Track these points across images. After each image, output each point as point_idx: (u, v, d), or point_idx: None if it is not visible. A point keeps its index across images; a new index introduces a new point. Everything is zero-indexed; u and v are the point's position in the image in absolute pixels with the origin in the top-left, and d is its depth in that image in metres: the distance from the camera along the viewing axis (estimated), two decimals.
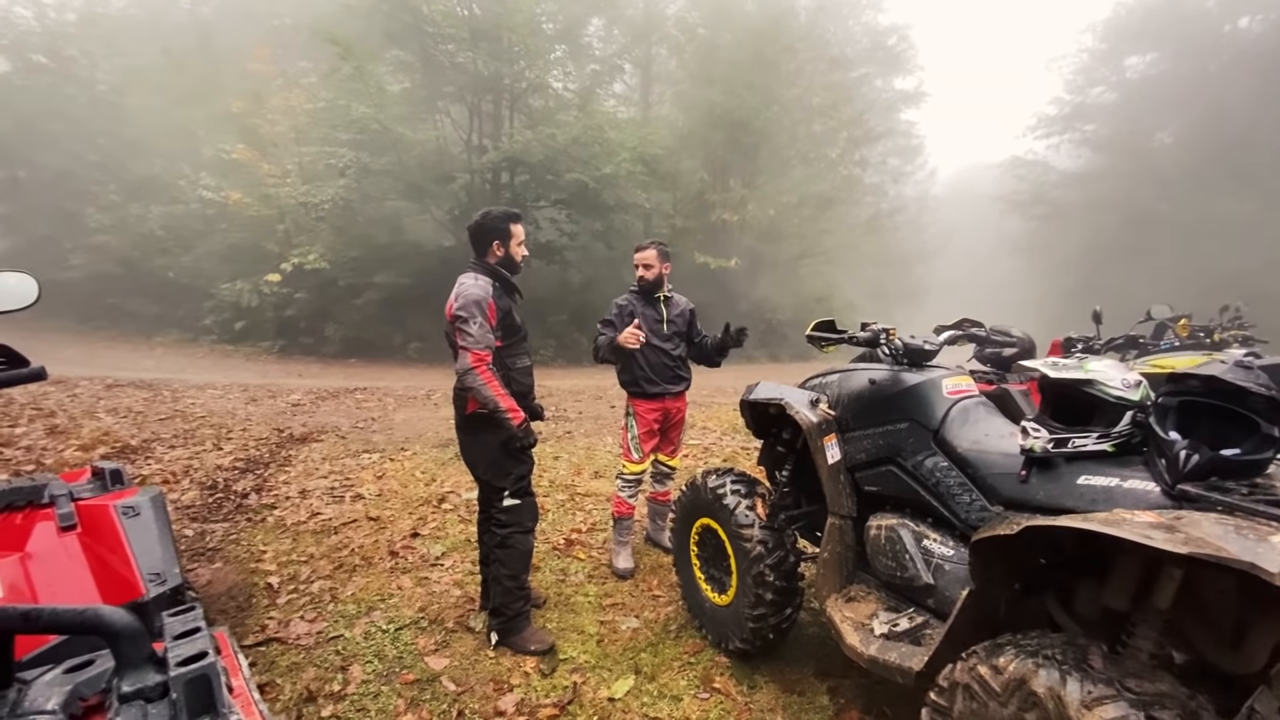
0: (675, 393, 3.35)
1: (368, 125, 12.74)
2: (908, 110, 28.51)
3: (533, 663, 2.40)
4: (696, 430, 6.67)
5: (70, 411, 6.62)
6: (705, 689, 2.25)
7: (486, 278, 2.48)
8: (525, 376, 2.62)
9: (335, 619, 2.74)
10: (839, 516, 2.21)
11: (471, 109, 15.11)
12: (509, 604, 2.50)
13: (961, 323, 2.52)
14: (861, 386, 2.28)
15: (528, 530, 2.57)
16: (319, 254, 13.38)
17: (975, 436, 1.97)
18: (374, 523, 3.84)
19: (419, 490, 4.44)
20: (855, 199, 22.46)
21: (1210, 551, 1.08)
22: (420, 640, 2.58)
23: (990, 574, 1.60)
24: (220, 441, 5.66)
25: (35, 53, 18.24)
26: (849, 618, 2.03)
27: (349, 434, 6.22)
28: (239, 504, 4.14)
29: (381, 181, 13.73)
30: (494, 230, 2.51)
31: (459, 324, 2.36)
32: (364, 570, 3.21)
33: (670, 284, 3.42)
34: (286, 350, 14.14)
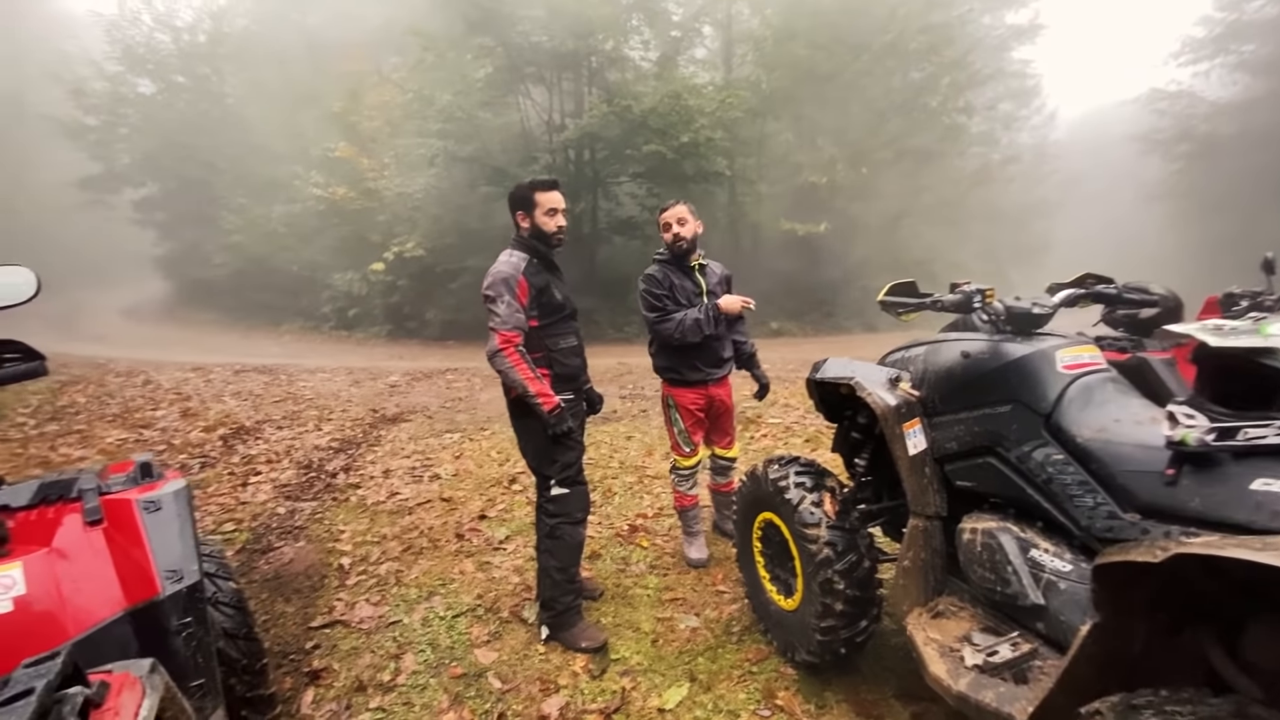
0: (718, 378, 2.94)
1: (453, 113, 13.01)
2: (1021, 47, 25.27)
3: (582, 662, 2.24)
4: (777, 407, 6.25)
5: (202, 395, 7.29)
6: (766, 704, 1.99)
7: (521, 253, 2.30)
8: (571, 357, 2.41)
9: (397, 603, 2.72)
10: (923, 517, 1.84)
11: (550, 88, 15.05)
12: (558, 597, 2.35)
13: (1084, 279, 2.03)
14: (952, 361, 1.87)
15: (577, 521, 2.39)
16: (416, 242, 13.98)
17: (1102, 422, 1.54)
18: (446, 504, 3.84)
19: (492, 471, 4.43)
20: (960, 150, 20.33)
21: None
22: (474, 630, 2.49)
23: (1122, 603, 1.22)
24: (321, 422, 5.98)
25: (175, 74, 20.22)
26: (934, 639, 1.68)
27: (436, 414, 6.39)
28: (328, 483, 4.30)
29: (470, 168, 14.04)
30: (518, 200, 2.33)
31: (487, 304, 2.22)
32: (430, 553, 3.19)
33: (701, 249, 2.96)
34: (393, 334, 15.01)
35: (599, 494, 3.88)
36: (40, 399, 6.75)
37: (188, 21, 20.83)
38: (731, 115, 13.87)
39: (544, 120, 15.17)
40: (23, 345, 1.53)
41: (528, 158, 14.05)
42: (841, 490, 2.11)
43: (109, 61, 20.20)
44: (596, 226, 15.84)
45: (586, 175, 15.14)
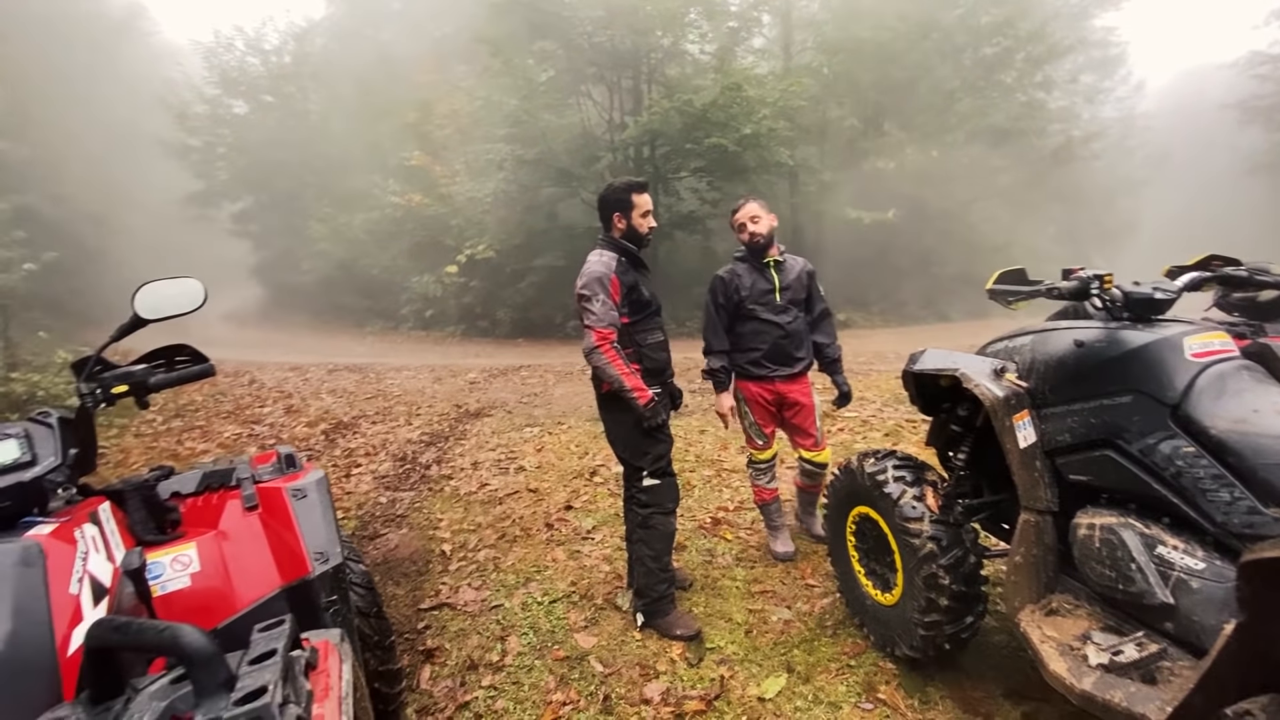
0: (785, 375, 2.84)
1: (518, 117, 13.31)
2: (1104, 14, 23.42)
3: (679, 649, 2.29)
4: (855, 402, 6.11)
5: (302, 393, 7.81)
6: (868, 698, 1.97)
7: (611, 253, 2.35)
8: (659, 352, 2.46)
9: (497, 588, 2.86)
10: (1035, 511, 1.77)
11: (611, 87, 15.16)
12: (653, 585, 2.41)
13: (1209, 261, 1.90)
14: (1064, 350, 1.79)
15: (669, 511, 2.44)
16: (487, 244, 14.42)
17: (1239, 413, 1.45)
18: (533, 494, 3.99)
19: (573, 463, 4.55)
20: (1038, 128, 19.04)
21: None
22: (571, 615, 2.59)
23: (1271, 603, 1.15)
24: (410, 417, 6.31)
25: (264, 94, 21.61)
26: (1051, 637, 1.62)
27: (514, 409, 6.61)
28: (423, 474, 4.54)
29: (535, 170, 14.34)
30: (614, 202, 2.38)
31: (582, 302, 2.27)
32: (523, 541, 3.33)
33: (781, 245, 2.91)
34: (467, 334, 15.57)
35: None
36: (164, 397, 7.42)
37: (274, 44, 22.25)
38: (793, 104, 13.55)
39: (605, 120, 15.30)
40: (191, 349, 1.71)
41: (590, 157, 14.22)
42: (942, 485, 2.06)
43: (208, 85, 21.83)
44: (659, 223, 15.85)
45: (647, 172, 15.16)
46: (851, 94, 17.01)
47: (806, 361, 2.92)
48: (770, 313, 2.83)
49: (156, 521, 1.46)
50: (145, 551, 1.26)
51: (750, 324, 2.86)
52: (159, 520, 1.47)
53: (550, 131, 13.63)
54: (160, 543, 1.38)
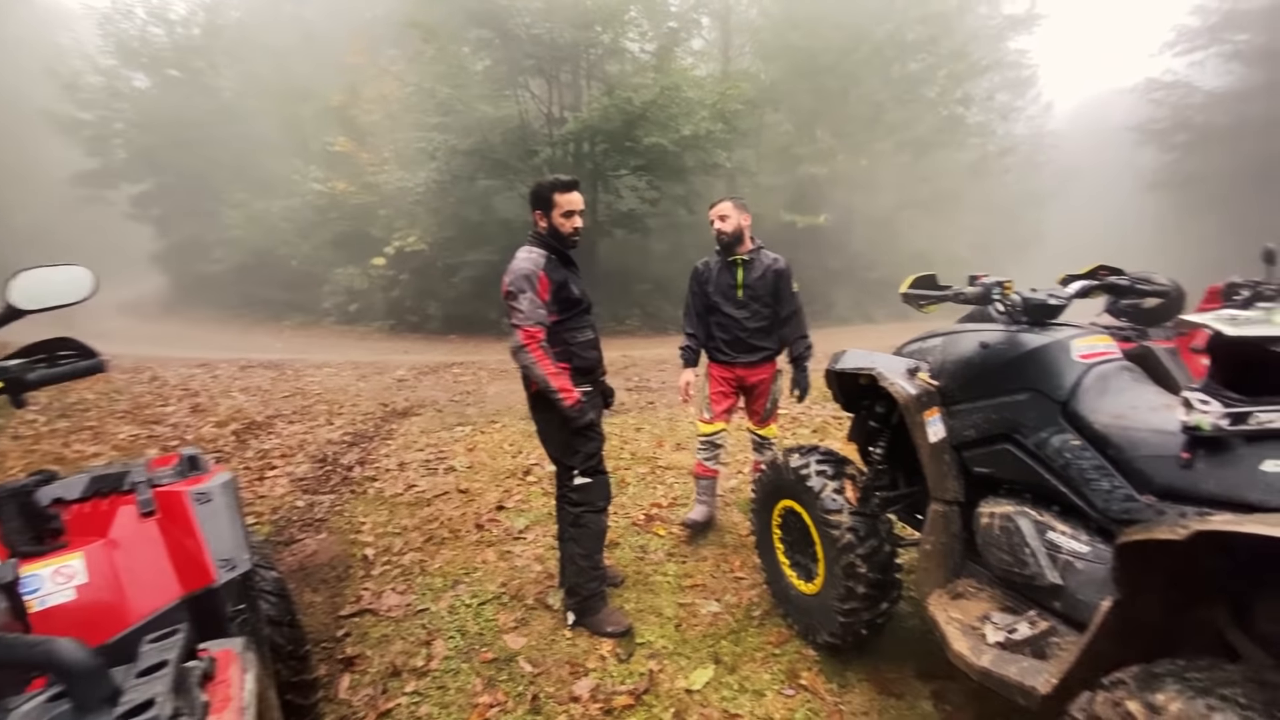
0: (746, 362, 3.10)
1: (453, 106, 12.96)
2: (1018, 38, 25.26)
3: (609, 646, 2.31)
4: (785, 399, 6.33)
5: (211, 391, 7.31)
6: (791, 685, 2.06)
7: (539, 250, 2.33)
8: (588, 351, 2.46)
9: (423, 591, 2.78)
10: (943, 502, 1.90)
11: (550, 80, 15.00)
12: (584, 584, 2.42)
13: (1097, 270, 2.08)
14: (970, 351, 1.93)
15: (600, 509, 2.45)
16: (418, 236, 13.99)
17: (1118, 409, 1.60)
18: (463, 495, 3.90)
19: (506, 462, 4.48)
20: (958, 141, 20.36)
21: None
22: (501, 616, 2.55)
23: (1142, 581, 1.28)
24: (332, 417, 6.03)
25: (169, 68, 20.06)
26: (956, 619, 1.75)
27: (445, 407, 6.44)
28: (344, 476, 4.35)
29: (470, 161, 14.01)
30: (537, 199, 2.35)
31: (509, 300, 2.24)
32: (452, 543, 3.25)
33: (757, 241, 3.11)
34: (395, 329, 15.03)
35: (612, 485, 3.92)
36: (48, 396, 6.77)
37: (181, 15, 20.66)
38: (731, 107, 13.85)
39: (544, 113, 15.13)
40: (77, 343, 1.57)
41: (528, 151, 14.03)
42: (861, 478, 2.18)
43: (103, 55, 20.04)
44: (597, 220, 15.82)
45: (587, 168, 15.11)
46: (787, 100, 17.58)
47: (769, 351, 3.13)
48: (731, 307, 3.07)
49: (34, 531, 1.34)
50: (21, 564, 1.16)
51: (716, 315, 3.13)
52: (37, 529, 1.35)
53: (486, 122, 13.35)
54: (39, 554, 1.27)
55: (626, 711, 1.97)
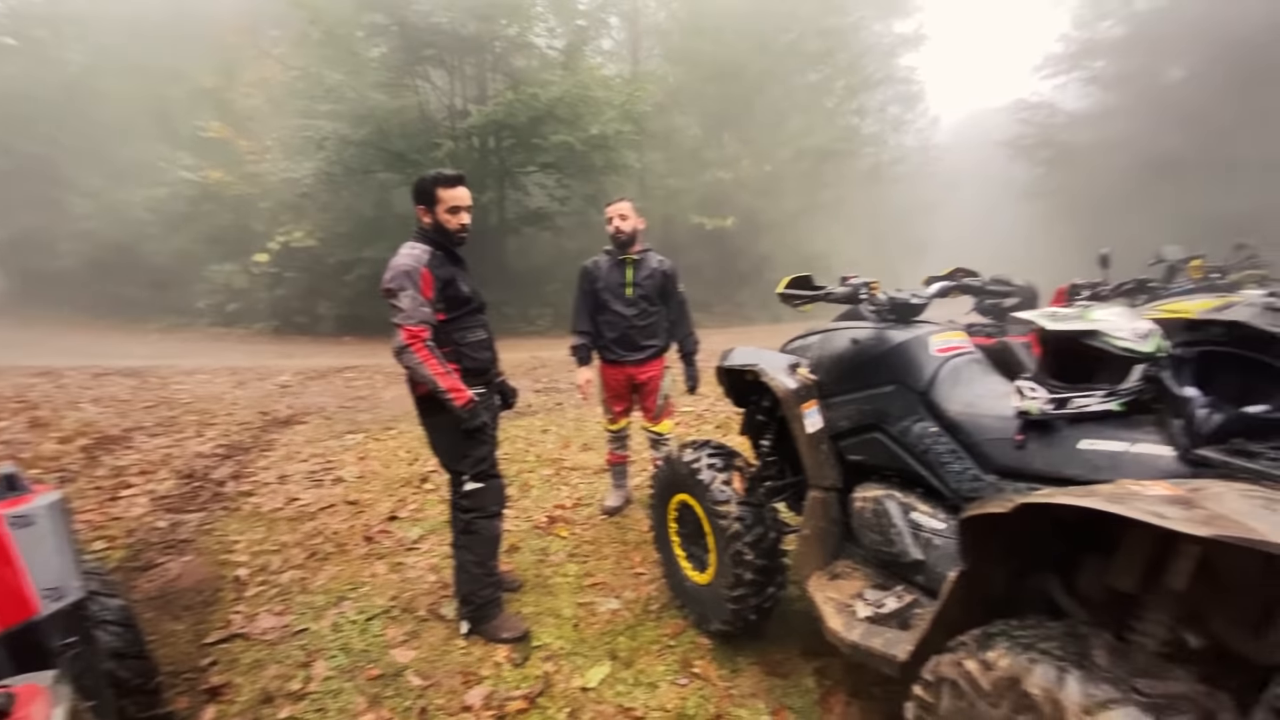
0: (634, 360, 3.23)
1: (344, 94, 12.28)
2: (907, 55, 27.38)
3: (505, 652, 2.28)
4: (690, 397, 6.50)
5: (54, 403, 6.51)
6: (684, 674, 2.13)
7: (423, 245, 2.25)
8: (480, 351, 2.40)
9: (303, 611, 2.63)
10: (821, 489, 2.04)
11: (452, 72, 14.57)
12: (477, 591, 2.37)
13: (954, 273, 2.30)
14: (843, 348, 2.08)
15: (493, 515, 2.41)
16: (306, 231, 13.15)
17: (967, 398, 1.78)
18: (352, 506, 3.71)
19: (401, 471, 4.31)
20: (854, 150, 21.75)
21: (1238, 534, 0.89)
22: (390, 630, 2.46)
23: (983, 552, 1.43)
24: (202, 428, 5.54)
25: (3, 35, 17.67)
26: (832, 598, 1.88)
27: (335, 415, 6.09)
28: (215, 492, 4.02)
29: (364, 153, 13.32)
30: (420, 194, 2.29)
31: (389, 298, 2.16)
32: (337, 558, 3.09)
33: (646, 243, 3.25)
34: (281, 331, 14.02)
35: (515, 488, 3.90)
36: None
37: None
38: (639, 109, 14.04)
39: (445, 105, 14.67)
40: None
41: (429, 144, 13.51)
42: (749, 470, 2.28)
43: None
44: (505, 217, 15.55)
45: (493, 164, 14.81)
46: (695, 104, 18.05)
47: (656, 349, 3.26)
48: (621, 304, 3.18)
49: None
50: None
51: (605, 313, 3.23)
52: None
53: (382, 112, 12.75)
54: None
55: (520, 715, 1.95)
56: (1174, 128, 19.64)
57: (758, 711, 1.93)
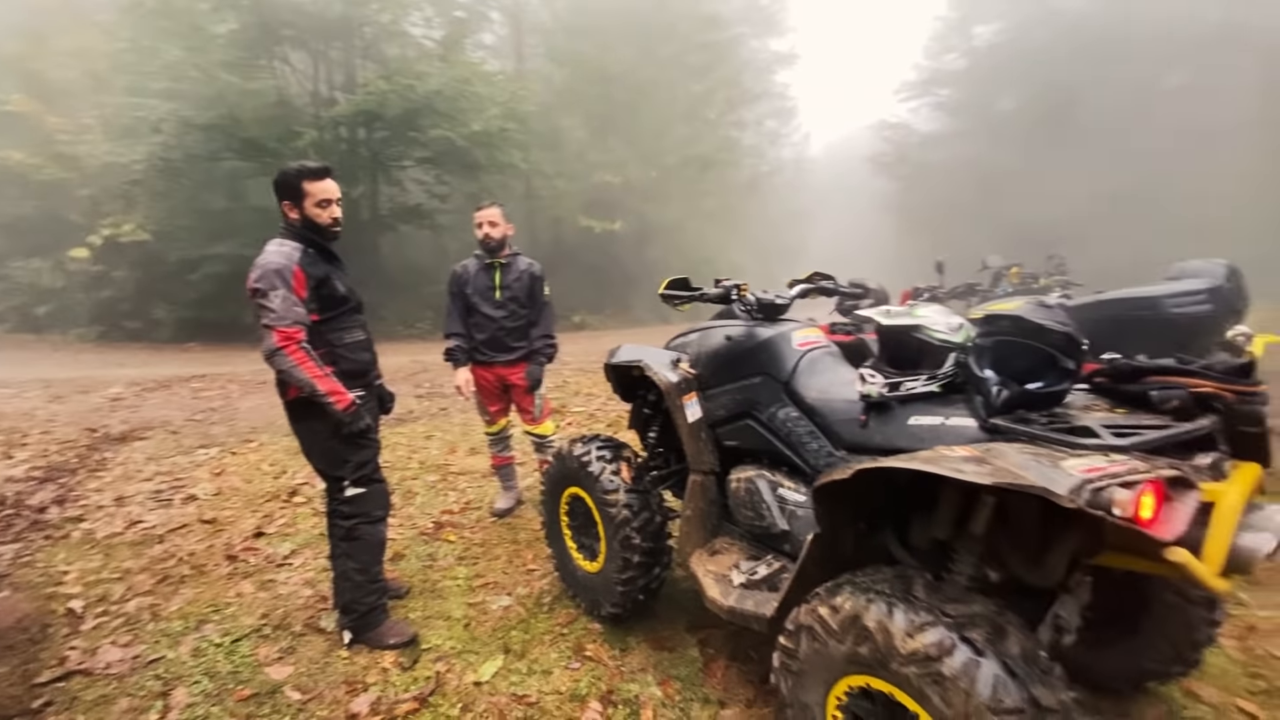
0: (505, 361, 3.32)
1: (185, 72, 11.14)
2: (783, 72, 29.48)
3: (392, 657, 2.27)
4: (581, 397, 6.62)
5: None
6: (577, 658, 2.24)
7: (294, 242, 2.17)
8: (358, 352, 2.35)
9: (157, 639, 2.43)
10: (700, 472, 2.24)
11: (316, 56, 13.69)
12: (360, 599, 2.33)
13: (813, 276, 2.61)
14: (719, 344, 2.30)
15: (377, 520, 2.38)
16: (137, 224, 11.77)
17: (822, 386, 2.05)
18: (209, 526, 3.45)
19: (265, 485, 4.05)
20: (735, 160, 23.01)
21: (1011, 480, 1.16)
22: (262, 650, 2.35)
23: (835, 516, 1.67)
24: (10, 449, 4.85)
25: None
26: (711, 570, 2.08)
27: (182, 428, 5.56)
28: (34, 520, 3.56)
29: (211, 138, 12.15)
30: (284, 188, 2.20)
31: (258, 299, 2.07)
32: (195, 580, 2.88)
33: (514, 248, 3.37)
34: (108, 337, 12.44)
35: (398, 496, 3.81)
36: None
37: None
38: (523, 107, 13.98)
39: (309, 91, 13.75)
40: None
41: (289, 131, 12.60)
42: (637, 460, 2.45)
43: None
44: (378, 213, 14.82)
45: (363, 156, 14.08)
46: (581, 107, 18.24)
47: (526, 350, 3.35)
48: (490, 307, 3.26)
49: None
50: None
51: (475, 316, 3.30)
52: None
53: (233, 94, 11.70)
54: None
55: (411, 716, 1.97)
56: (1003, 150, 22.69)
57: (646, 684, 2.09)
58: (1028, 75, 22.37)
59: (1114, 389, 1.57)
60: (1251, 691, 2.07)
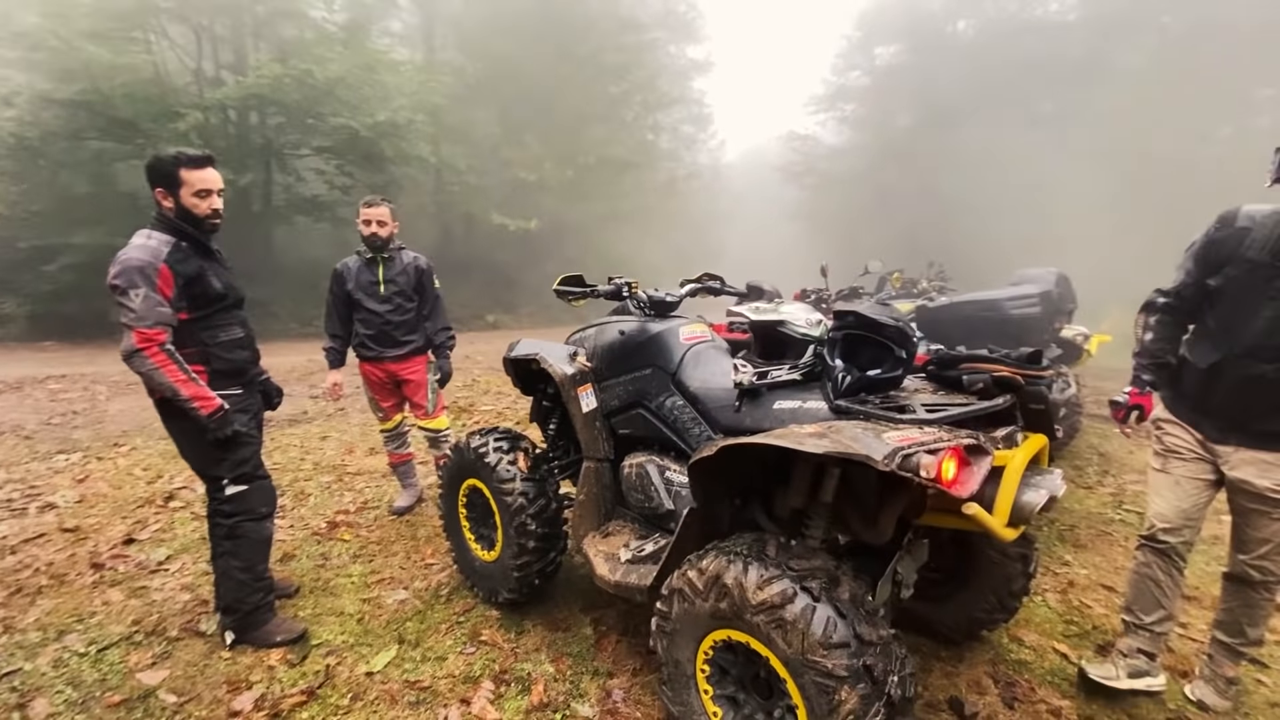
0: (394, 356, 3.36)
1: (43, 41, 10.12)
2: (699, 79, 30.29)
3: (279, 655, 2.26)
4: (490, 395, 6.62)
5: None
6: (472, 644, 2.32)
7: (164, 235, 2.09)
8: (235, 351, 2.28)
9: (11, 652, 2.29)
10: (594, 460, 2.39)
11: (200, 32, 12.81)
12: (244, 598, 2.30)
13: (702, 277, 2.82)
14: (613, 338, 2.46)
15: (262, 517, 2.34)
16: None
17: (704, 376, 2.25)
18: (70, 535, 3.24)
19: (137, 490, 3.83)
20: (652, 163, 23.44)
21: (840, 450, 1.37)
22: (133, 656, 2.27)
23: (709, 492, 1.86)
24: None
25: None
26: (601, 550, 2.23)
27: (36, 433, 5.11)
28: None
29: (74, 115, 11.08)
30: (158, 175, 2.10)
31: (117, 296, 1.98)
32: (54, 590, 2.71)
33: (398, 243, 3.41)
34: None
35: (289, 498, 3.72)
36: None
37: None
38: (433, 99, 13.68)
39: (190, 69, 12.84)
40: None
41: (166, 111, 11.65)
42: (533, 450, 2.56)
43: None
44: (271, 204, 14.04)
45: (255, 142, 13.30)
46: (494, 101, 18.03)
47: (416, 344, 3.41)
48: (374, 302, 3.30)
49: None
50: None
51: (360, 311, 3.33)
52: None
53: (99, 68, 10.72)
54: None
55: (298, 709, 1.98)
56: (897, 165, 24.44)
57: (539, 663, 2.21)
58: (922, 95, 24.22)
59: (938, 375, 1.86)
60: (1066, 635, 2.47)
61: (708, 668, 1.70)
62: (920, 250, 8.36)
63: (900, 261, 6.50)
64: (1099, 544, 3.29)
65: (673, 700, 1.75)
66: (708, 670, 1.70)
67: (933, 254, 7.17)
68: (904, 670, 1.44)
